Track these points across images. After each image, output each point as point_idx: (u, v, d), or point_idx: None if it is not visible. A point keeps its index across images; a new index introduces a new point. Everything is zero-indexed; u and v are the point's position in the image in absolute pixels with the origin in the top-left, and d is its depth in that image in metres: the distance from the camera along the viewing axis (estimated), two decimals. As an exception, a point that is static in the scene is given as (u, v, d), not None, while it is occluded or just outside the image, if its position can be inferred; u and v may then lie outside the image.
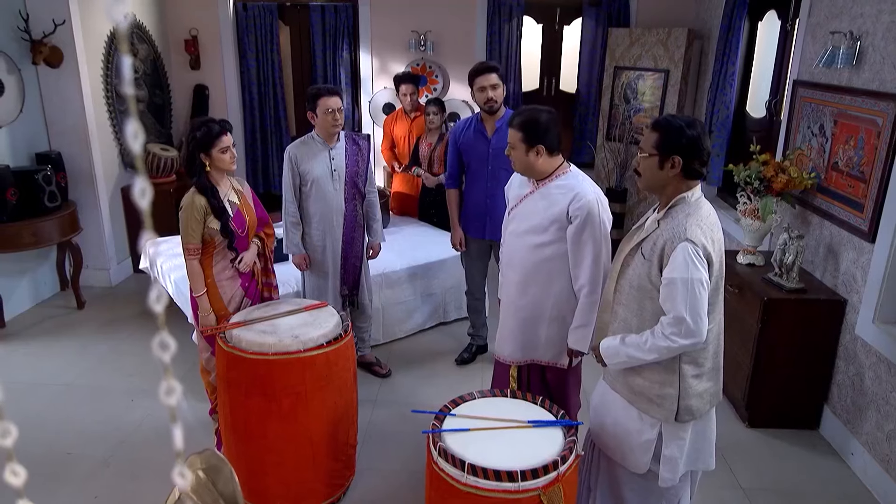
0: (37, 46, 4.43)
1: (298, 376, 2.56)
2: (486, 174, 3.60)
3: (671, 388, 2.03)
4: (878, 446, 2.95)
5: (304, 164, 3.38)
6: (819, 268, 3.46)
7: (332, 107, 3.29)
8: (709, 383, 2.07)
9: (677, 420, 2.05)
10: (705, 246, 1.91)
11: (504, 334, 2.76)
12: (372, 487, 2.96)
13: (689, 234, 1.91)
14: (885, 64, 2.97)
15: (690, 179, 1.99)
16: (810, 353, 3.29)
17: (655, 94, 5.50)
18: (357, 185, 3.50)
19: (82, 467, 3.04)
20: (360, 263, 3.64)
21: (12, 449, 0.43)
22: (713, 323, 2.01)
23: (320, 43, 6.02)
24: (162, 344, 0.43)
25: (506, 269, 2.73)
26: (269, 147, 6.27)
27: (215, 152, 2.74)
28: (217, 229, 2.78)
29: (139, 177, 0.44)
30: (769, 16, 4.62)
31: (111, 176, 5.16)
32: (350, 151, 3.47)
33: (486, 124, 3.57)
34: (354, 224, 3.54)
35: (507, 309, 2.73)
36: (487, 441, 2.10)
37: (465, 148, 3.64)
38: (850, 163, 3.21)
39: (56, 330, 4.45)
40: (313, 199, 3.43)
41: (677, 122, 1.97)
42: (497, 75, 3.49)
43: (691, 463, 2.18)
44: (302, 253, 3.51)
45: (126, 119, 4.87)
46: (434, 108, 4.72)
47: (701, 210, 1.98)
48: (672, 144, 1.95)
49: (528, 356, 2.75)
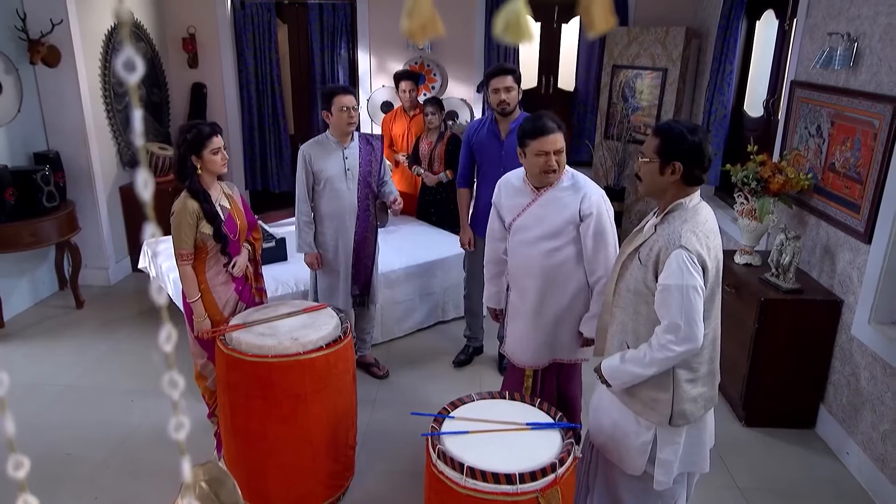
0: (34, 46, 4.42)
1: (298, 378, 2.57)
2: (497, 175, 3.59)
3: (665, 392, 2.04)
4: (873, 446, 2.97)
5: (317, 163, 3.38)
6: (815, 268, 3.48)
7: (347, 105, 3.30)
8: (703, 388, 2.08)
9: (671, 424, 2.06)
10: (700, 253, 1.92)
11: (523, 342, 2.75)
12: (371, 489, 2.98)
13: (684, 241, 1.92)
14: (882, 66, 2.98)
15: (690, 185, 2.00)
16: (806, 353, 3.31)
17: (653, 92, 5.51)
18: (370, 184, 3.50)
19: (82, 468, 3.05)
20: (371, 264, 3.65)
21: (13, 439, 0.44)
22: (709, 328, 2.02)
23: (318, 41, 6.01)
24: (166, 336, 0.44)
25: (521, 279, 2.71)
26: (268, 145, 6.27)
27: (206, 154, 2.72)
28: (210, 234, 2.75)
29: (141, 169, 0.45)
30: (767, 15, 4.62)
31: (109, 175, 5.16)
32: (364, 151, 3.48)
33: (500, 126, 3.56)
34: (367, 224, 3.54)
35: (525, 316, 2.71)
36: (486, 443, 2.12)
37: (478, 148, 3.63)
38: (846, 164, 3.22)
39: (55, 330, 4.46)
40: (326, 199, 3.43)
41: (679, 127, 1.97)
42: (513, 78, 3.46)
43: (686, 465, 2.20)
44: (314, 252, 3.50)
45: (131, 110, 4.87)
46: (432, 108, 4.73)
47: (698, 216, 1.99)
48: (673, 150, 1.95)
49: (552, 356, 2.76)
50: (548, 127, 2.45)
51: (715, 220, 2.06)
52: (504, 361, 3.97)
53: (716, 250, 2.00)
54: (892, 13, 2.92)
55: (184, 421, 0.45)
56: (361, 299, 3.68)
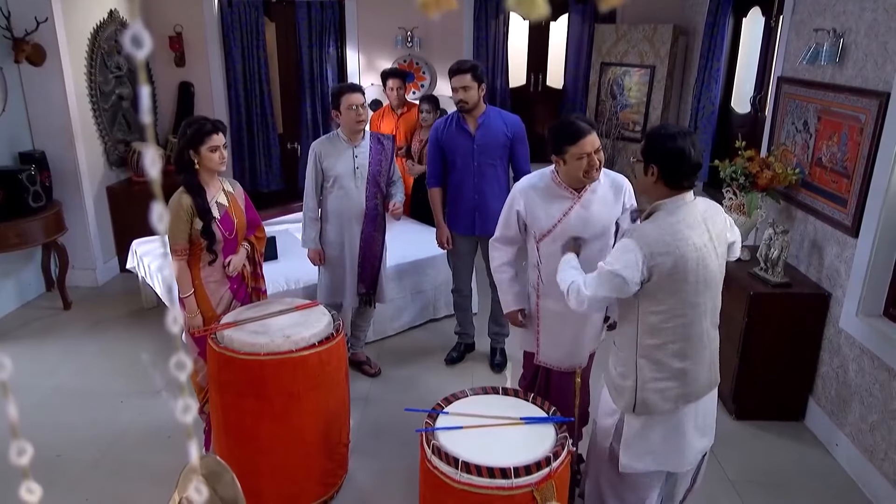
0: (19, 44, 4.37)
1: (290, 376, 2.56)
2: (472, 170, 3.60)
3: (629, 380, 2.15)
4: (861, 437, 3.01)
5: (327, 160, 3.38)
6: (804, 262, 3.52)
7: (355, 103, 3.30)
8: (671, 383, 2.11)
9: (635, 412, 2.16)
10: (652, 252, 1.97)
11: (571, 346, 2.67)
12: (365, 486, 2.97)
13: (637, 234, 2.02)
14: (868, 61, 3.01)
15: (672, 188, 2.04)
16: (795, 346, 3.34)
17: (642, 90, 5.54)
18: (379, 183, 3.49)
19: (72, 469, 3.03)
20: (378, 263, 3.64)
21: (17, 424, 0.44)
22: (672, 323, 2.05)
23: (307, 40, 5.99)
24: (178, 364, 0.44)
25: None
26: (256, 145, 6.23)
27: (204, 150, 2.71)
28: (199, 230, 2.74)
29: (149, 147, 0.45)
30: (753, 12, 4.66)
31: (96, 175, 5.11)
32: (374, 150, 3.46)
33: (468, 121, 3.56)
34: (375, 223, 3.52)
35: (573, 321, 2.60)
36: (480, 438, 2.12)
37: (448, 146, 3.60)
38: (833, 159, 3.26)
39: (43, 331, 4.41)
40: (334, 197, 3.43)
41: (663, 131, 2.05)
42: (471, 76, 3.42)
43: (660, 463, 2.23)
44: (317, 248, 3.50)
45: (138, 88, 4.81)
46: (428, 107, 4.73)
47: (671, 216, 2.02)
48: (651, 152, 2.04)
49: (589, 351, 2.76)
50: (584, 129, 2.39)
51: (696, 226, 2.04)
52: (496, 359, 3.98)
53: (681, 258, 1.98)
54: (878, 8, 2.95)
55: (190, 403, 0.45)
56: (368, 298, 3.67)
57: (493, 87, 5.97)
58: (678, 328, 2.06)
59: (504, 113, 3.70)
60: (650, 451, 2.19)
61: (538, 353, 2.74)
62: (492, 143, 3.55)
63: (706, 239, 2.04)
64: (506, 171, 3.69)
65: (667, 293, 2.02)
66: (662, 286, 2.01)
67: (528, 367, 2.85)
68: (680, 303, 2.04)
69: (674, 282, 2.00)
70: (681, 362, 2.10)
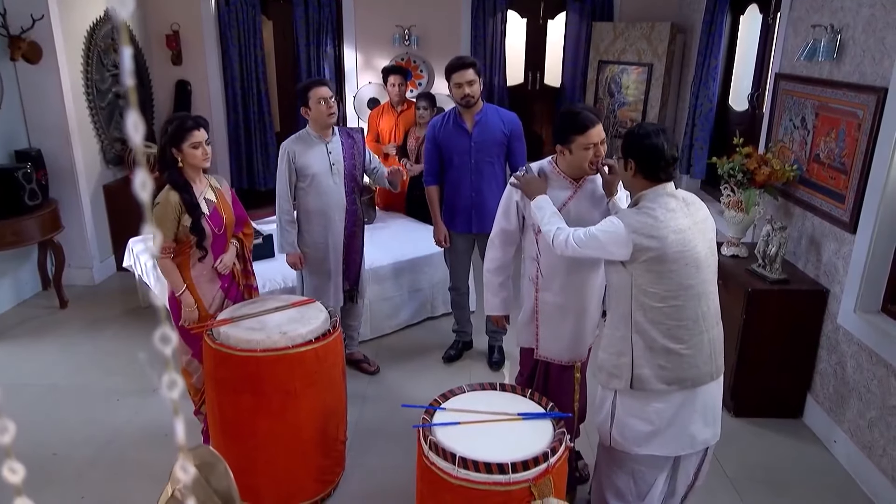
0: (15, 42, 4.35)
1: (287, 373, 2.55)
2: (469, 168, 3.59)
3: (626, 357, 2.22)
4: (860, 433, 3.00)
5: (301, 158, 3.30)
6: (802, 258, 3.51)
7: (324, 96, 3.25)
8: (665, 362, 2.17)
9: (633, 388, 2.22)
10: (635, 230, 2.10)
11: (572, 338, 2.65)
12: (362, 483, 2.96)
13: (623, 215, 2.18)
14: (866, 57, 3.01)
15: (650, 180, 2.18)
16: (793, 342, 3.34)
17: (639, 88, 5.53)
18: (356, 178, 3.46)
19: (68, 468, 3.01)
20: (360, 259, 3.62)
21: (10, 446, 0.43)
22: (665, 304, 2.14)
23: (304, 38, 5.98)
24: (163, 337, 0.43)
25: (565, 276, 2.57)
26: (253, 143, 6.23)
27: (186, 147, 2.68)
28: (188, 226, 2.71)
29: (140, 169, 0.44)
30: (751, 10, 4.66)
31: (93, 173, 5.09)
32: (346, 145, 3.43)
33: (465, 118, 3.55)
34: (355, 218, 3.50)
35: (572, 312, 2.61)
36: (478, 434, 2.12)
37: (446, 143, 3.59)
38: (831, 155, 3.25)
39: (39, 330, 4.39)
40: (313, 195, 3.35)
41: (640, 129, 2.20)
42: (474, 70, 3.43)
43: (663, 446, 2.26)
44: (296, 252, 3.41)
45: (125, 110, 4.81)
46: (424, 103, 4.72)
47: (653, 203, 2.15)
48: (628, 148, 2.20)
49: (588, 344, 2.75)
50: (591, 119, 2.41)
51: (681, 218, 2.14)
52: (494, 356, 3.97)
53: (668, 231, 2.11)
54: (875, 4, 2.95)
55: (177, 379, 0.44)
56: (351, 294, 3.65)
57: (491, 84, 5.97)
58: (671, 310, 2.14)
59: (501, 110, 3.69)
60: (643, 430, 2.25)
61: (538, 346, 2.71)
62: (489, 140, 3.54)
63: (689, 223, 2.14)
64: (503, 169, 3.68)
65: (656, 274, 2.11)
66: (650, 267, 2.11)
67: (526, 364, 2.84)
68: (673, 284, 2.12)
69: (660, 262, 2.10)
70: (674, 344, 2.15)
